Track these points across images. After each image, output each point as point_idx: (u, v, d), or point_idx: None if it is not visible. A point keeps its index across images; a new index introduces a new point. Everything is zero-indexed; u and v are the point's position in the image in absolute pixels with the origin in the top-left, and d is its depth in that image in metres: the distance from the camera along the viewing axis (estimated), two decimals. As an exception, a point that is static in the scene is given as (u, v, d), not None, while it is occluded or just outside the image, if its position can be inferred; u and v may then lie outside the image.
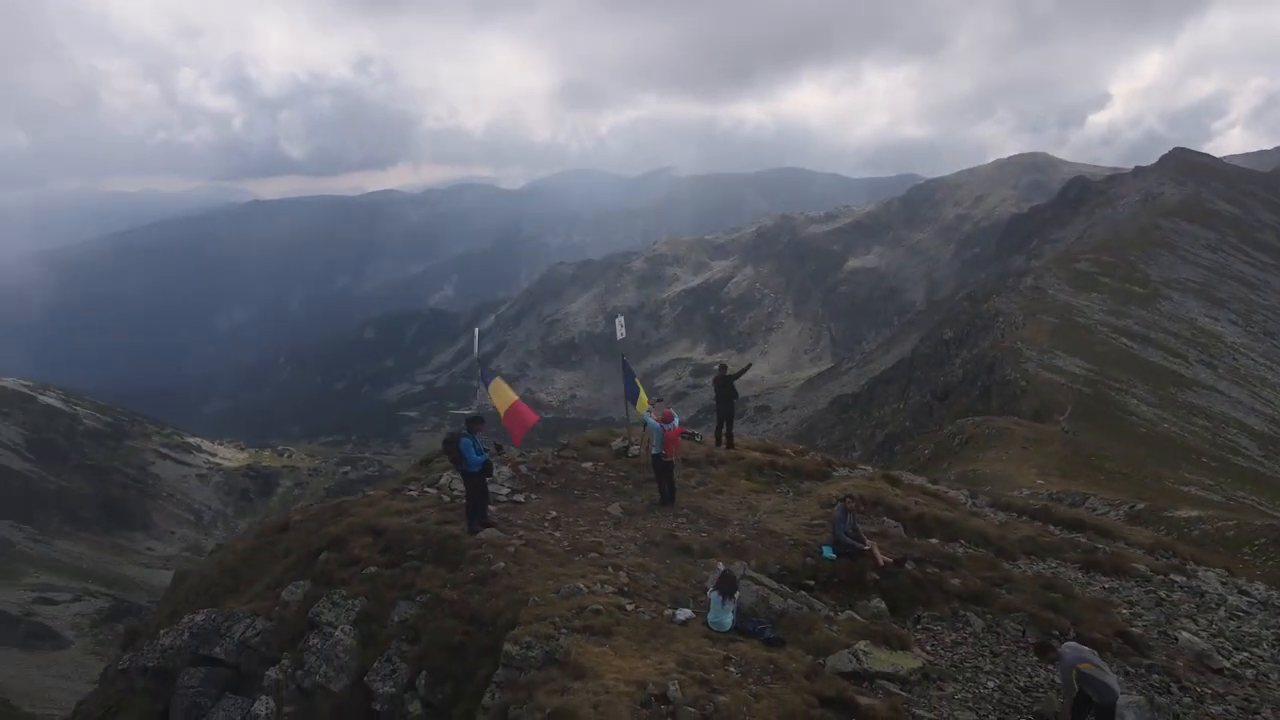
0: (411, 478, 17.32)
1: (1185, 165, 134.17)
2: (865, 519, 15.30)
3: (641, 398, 17.79)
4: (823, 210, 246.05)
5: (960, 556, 14.20)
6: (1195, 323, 74.34)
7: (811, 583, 12.86)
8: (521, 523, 14.15)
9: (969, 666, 11.10)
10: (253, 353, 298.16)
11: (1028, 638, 11.69)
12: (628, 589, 11.84)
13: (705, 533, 14.44)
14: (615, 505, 15.54)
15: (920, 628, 12.13)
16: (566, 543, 13.46)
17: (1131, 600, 13.91)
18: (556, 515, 14.82)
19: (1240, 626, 13.37)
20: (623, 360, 18.19)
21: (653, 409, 16.09)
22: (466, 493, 13.81)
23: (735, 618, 11.09)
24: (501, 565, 12.24)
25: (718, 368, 20.16)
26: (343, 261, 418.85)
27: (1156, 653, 11.82)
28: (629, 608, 11.20)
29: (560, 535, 13.80)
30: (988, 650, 11.55)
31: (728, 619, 11.00)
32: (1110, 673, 9.42)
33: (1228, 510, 32.88)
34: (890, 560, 13.15)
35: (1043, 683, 10.72)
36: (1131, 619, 13.03)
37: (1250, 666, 11.95)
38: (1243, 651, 12.45)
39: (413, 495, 15.71)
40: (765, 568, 12.91)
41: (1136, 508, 30.03)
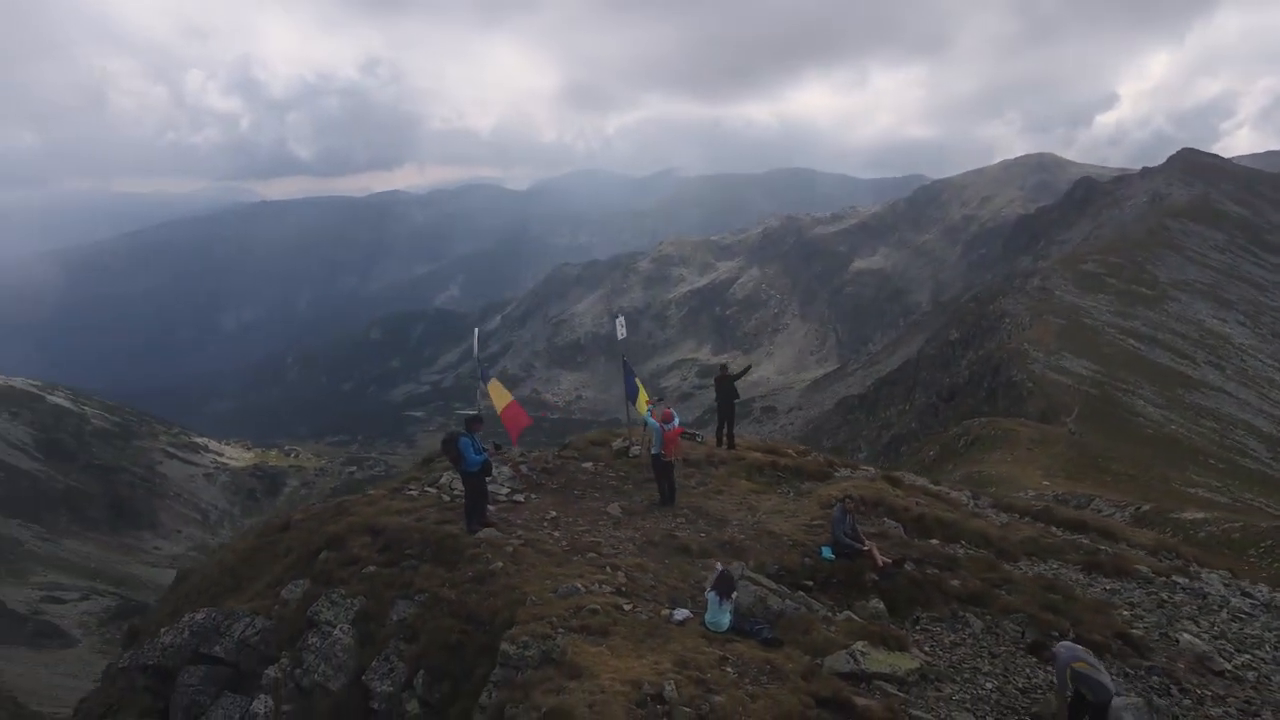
0: (412, 477, 17.34)
1: (1193, 166, 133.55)
2: (865, 520, 15.26)
3: (641, 397, 17.78)
4: (829, 211, 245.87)
5: (960, 557, 14.15)
6: (1203, 324, 74.00)
7: (810, 583, 12.83)
8: (521, 522, 14.15)
9: (967, 667, 11.06)
10: (260, 353, 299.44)
11: (1026, 638, 11.64)
12: (625, 589, 11.83)
13: (704, 533, 14.42)
14: (615, 505, 15.53)
15: (919, 629, 12.09)
16: (565, 542, 13.45)
17: (1133, 602, 13.84)
18: (556, 515, 14.81)
19: (1242, 628, 13.29)
20: (623, 360, 18.19)
21: (653, 409, 16.07)
22: (465, 492, 13.82)
23: (733, 618, 11.06)
24: (500, 565, 12.24)
25: (719, 368, 20.15)
26: (349, 262, 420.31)
27: (1157, 654, 11.75)
28: (626, 608, 11.19)
29: (559, 535, 13.79)
30: (986, 651, 11.51)
31: (725, 619, 10.98)
32: (1105, 671, 9.38)
33: (1234, 512, 32.70)
34: (889, 561, 13.11)
35: (1041, 684, 10.67)
36: (1132, 621, 12.96)
37: (1252, 669, 11.87)
38: (1244, 654, 12.37)
39: (413, 495, 15.73)
40: (764, 568, 12.89)
41: (1142, 509, 29.90)
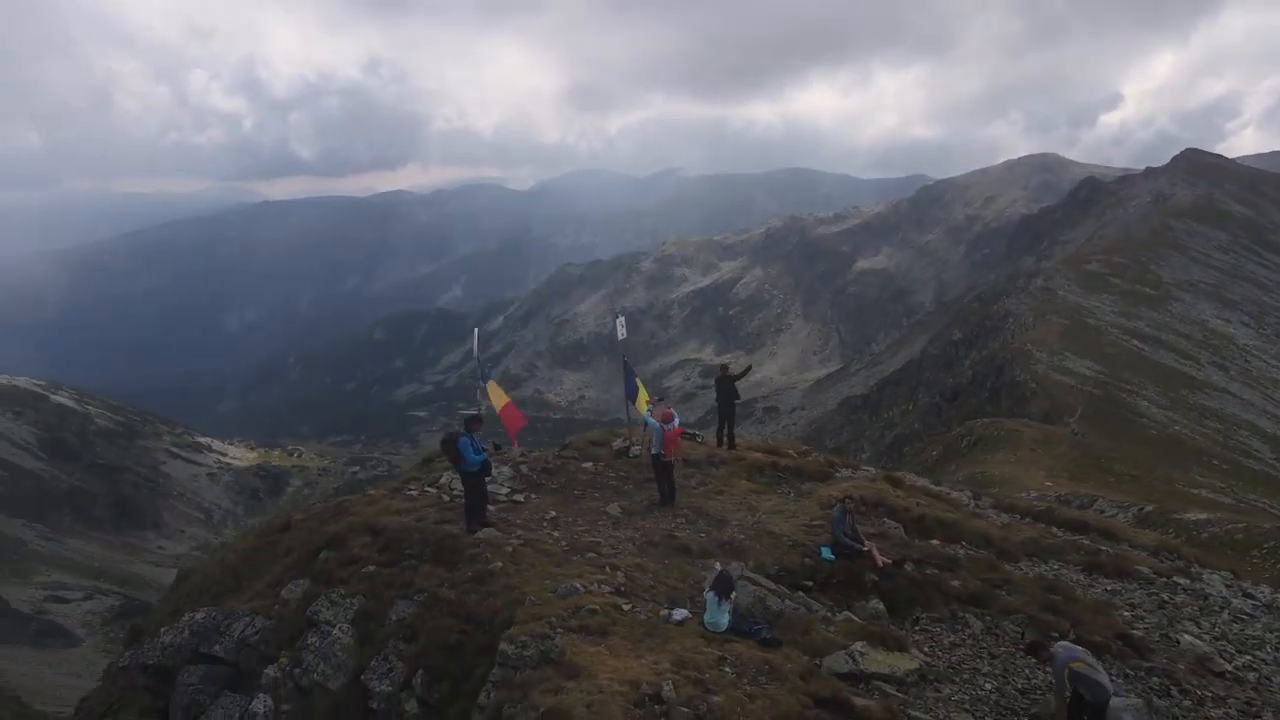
0: (412, 477, 17.36)
1: (1197, 166, 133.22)
2: (866, 520, 15.25)
3: (641, 397, 17.76)
4: (832, 211, 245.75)
5: (960, 558, 14.12)
6: (1207, 324, 73.83)
7: (810, 583, 12.82)
8: (520, 522, 14.16)
9: (966, 668, 11.04)
10: (263, 353, 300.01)
11: (1026, 639, 11.62)
12: (624, 589, 11.83)
13: (704, 533, 14.41)
14: (615, 505, 15.52)
15: (918, 629, 12.07)
16: (565, 543, 13.45)
17: (1134, 603, 13.80)
18: (555, 515, 14.81)
19: (1244, 629, 13.25)
20: (623, 360, 18.19)
21: (653, 409, 16.06)
22: (465, 492, 13.82)
23: (732, 618, 11.05)
24: (499, 565, 12.25)
25: (719, 369, 20.15)
26: (352, 262, 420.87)
27: (1157, 655, 11.72)
28: (625, 608, 11.19)
29: (559, 535, 13.79)
30: (986, 652, 11.48)
31: (724, 619, 10.97)
32: (1103, 671, 9.36)
33: (1238, 513, 32.61)
34: (889, 561, 13.09)
35: (1040, 685, 10.64)
36: (1133, 621, 12.93)
37: (1253, 670, 11.83)
38: (1246, 655, 12.33)
39: (413, 495, 15.74)
40: (763, 568, 12.88)
41: (1145, 510, 29.85)
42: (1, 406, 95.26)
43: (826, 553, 13.40)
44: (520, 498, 15.76)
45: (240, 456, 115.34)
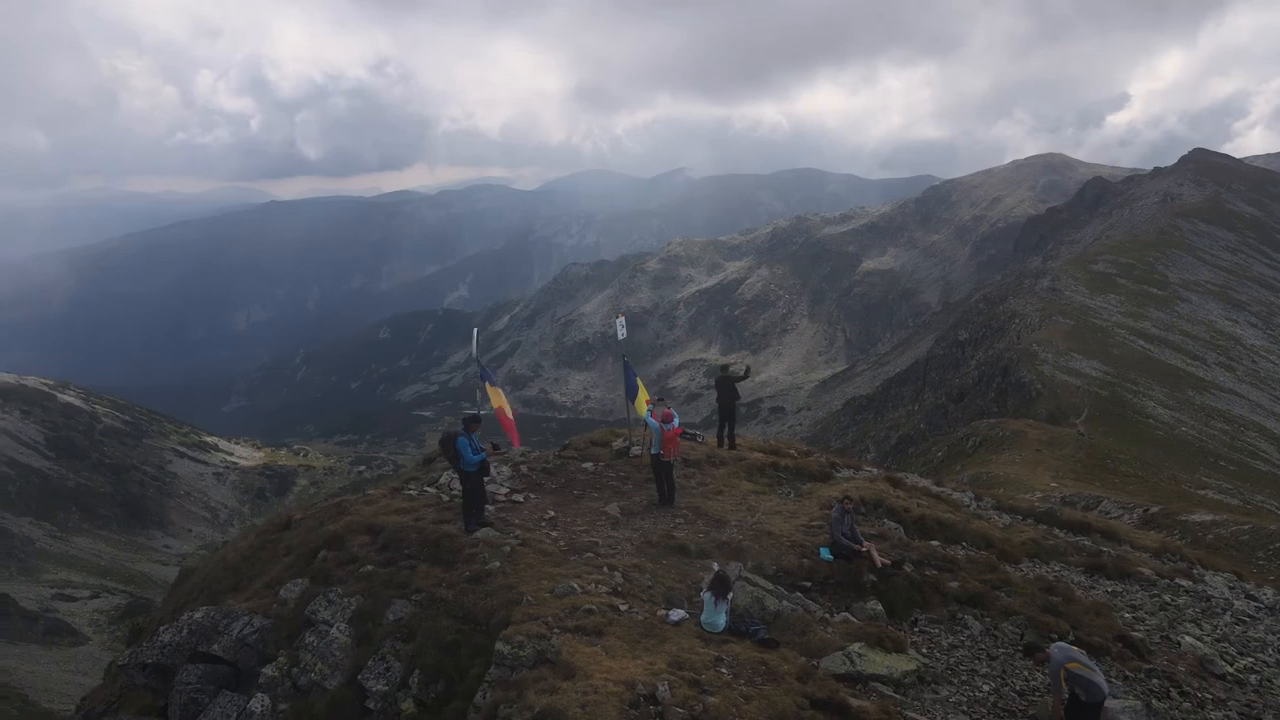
0: (412, 477, 17.35)
1: (1205, 166, 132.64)
2: (866, 520, 15.20)
3: (641, 397, 17.73)
4: (838, 211, 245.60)
5: (960, 559, 14.06)
6: (1214, 325, 73.48)
7: (808, 584, 12.78)
8: (519, 522, 14.13)
9: (965, 669, 11.00)
10: (269, 352, 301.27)
11: (1025, 640, 11.56)
12: (622, 589, 11.80)
13: (703, 533, 14.36)
14: (614, 505, 15.48)
15: (917, 630, 12.03)
16: (563, 542, 13.41)
17: (1135, 604, 13.75)
18: (554, 515, 14.78)
19: (1246, 631, 13.19)
20: (623, 360, 18.17)
21: (652, 409, 16.04)
22: (463, 492, 13.80)
23: (729, 619, 11.03)
24: (497, 565, 12.22)
25: (719, 368, 20.11)
26: (359, 262, 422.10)
27: (1157, 657, 11.66)
28: (622, 608, 11.16)
29: (557, 535, 13.76)
30: (984, 653, 11.44)
31: (721, 620, 10.95)
32: (1099, 672, 9.32)
33: (1244, 514, 32.43)
34: (888, 562, 13.04)
35: (1039, 686, 10.59)
36: (1134, 623, 12.88)
37: (1254, 672, 11.77)
38: (1247, 657, 12.27)
39: (412, 494, 15.72)
40: (761, 569, 12.84)
41: (1150, 511, 29.72)
42: (9, 405, 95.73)
43: (825, 553, 13.35)
44: (519, 498, 15.74)
45: (247, 456, 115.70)
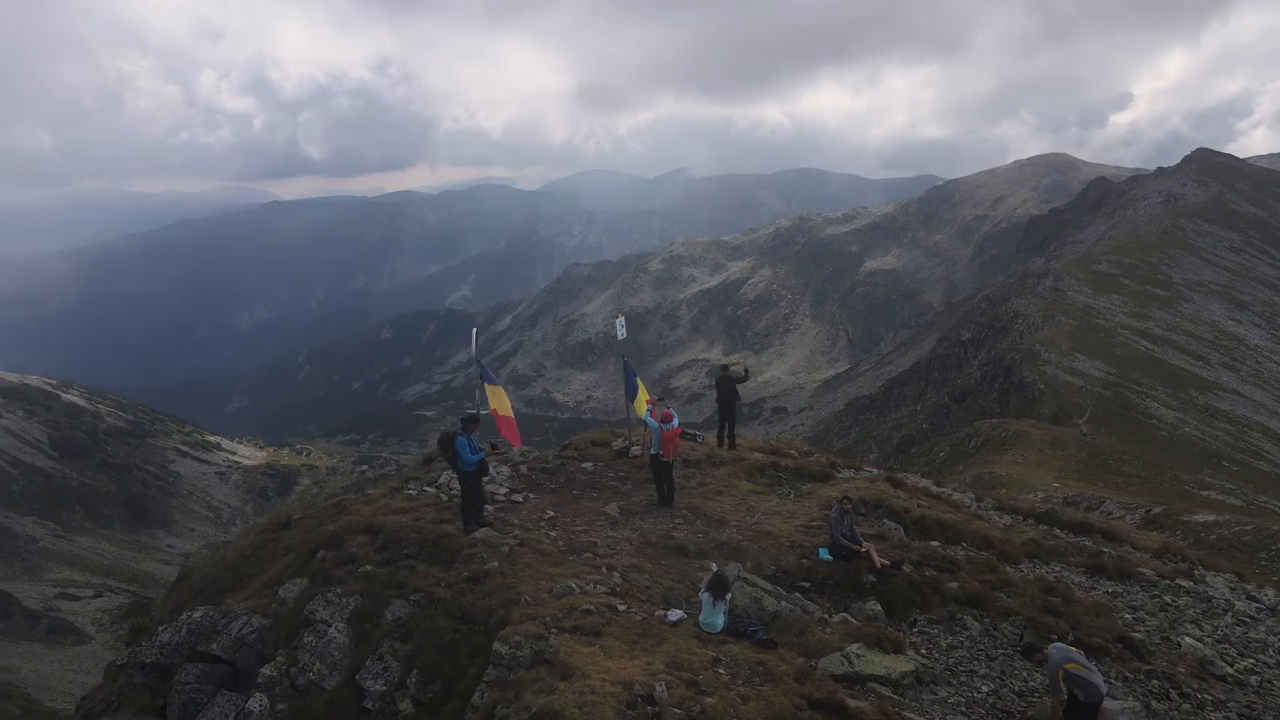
0: (411, 477, 17.35)
1: (1208, 166, 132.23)
2: (866, 521, 15.17)
3: (641, 397, 17.70)
4: (840, 211, 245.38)
5: (960, 559, 14.03)
6: (1218, 325, 73.28)
7: (807, 584, 12.76)
8: (518, 522, 14.12)
9: (963, 670, 10.97)
10: (272, 352, 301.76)
11: (1024, 641, 11.53)
12: (620, 589, 11.78)
13: (702, 534, 14.34)
14: (613, 505, 15.46)
15: (916, 631, 12.00)
16: (562, 543, 13.39)
17: (1135, 605, 13.71)
18: (554, 515, 14.77)
19: (1247, 632, 13.15)
20: (623, 360, 18.15)
21: (652, 409, 16.02)
22: (462, 492, 13.79)
23: (727, 619, 11.01)
24: (495, 565, 12.21)
25: (719, 368, 20.09)
26: (361, 262, 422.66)
27: (1157, 658, 11.62)
28: (620, 608, 11.15)
29: (556, 535, 13.74)
30: (983, 654, 11.40)
31: (719, 620, 10.93)
32: (1097, 672, 9.30)
33: (1247, 515, 32.34)
34: (887, 563, 13.01)
35: (1038, 687, 10.56)
36: (1134, 624, 12.84)
37: (1255, 673, 11.73)
38: (1248, 658, 12.23)
39: (411, 494, 15.72)
40: (760, 569, 12.81)
41: (1153, 512, 29.64)
42: (13, 405, 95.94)
43: (824, 554, 13.33)
44: (519, 498, 15.72)
45: (249, 455, 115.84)
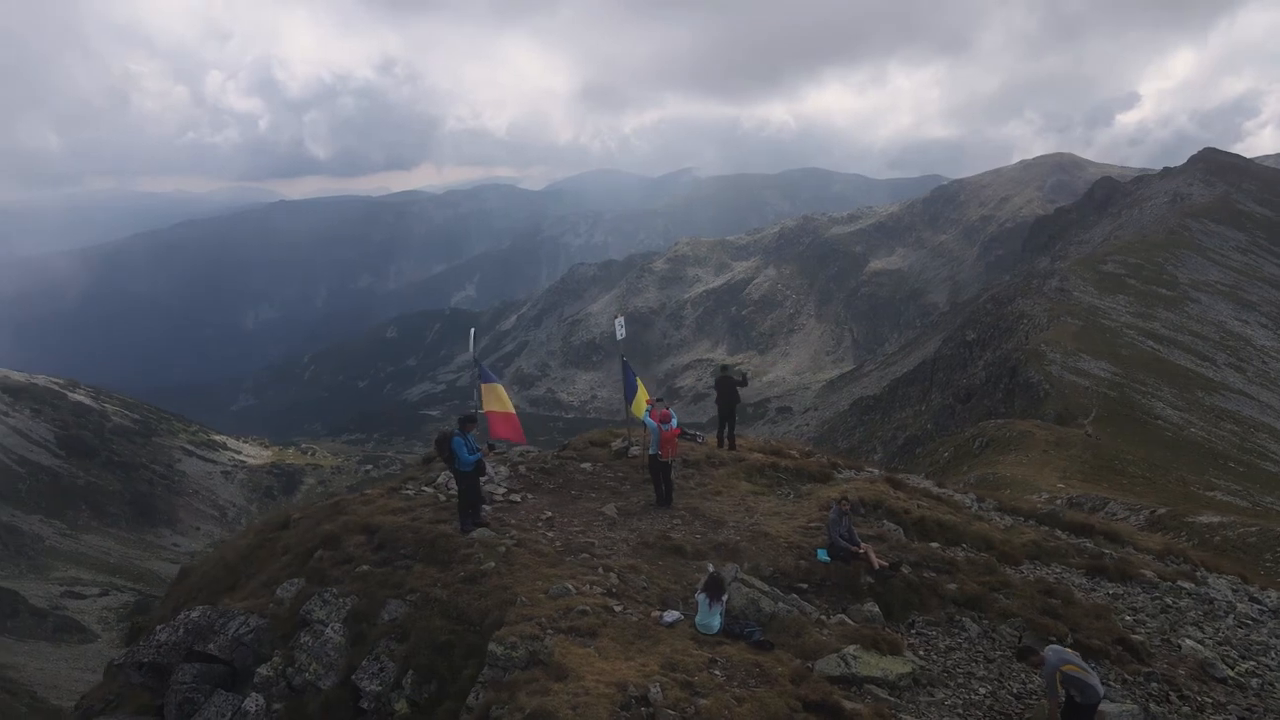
0: (409, 476, 17.34)
1: (1215, 165, 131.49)
2: (865, 522, 15.10)
3: (640, 397, 17.65)
4: (846, 211, 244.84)
5: (959, 561, 13.95)
6: (1224, 325, 72.91)
7: (804, 586, 12.70)
8: (515, 523, 14.10)
9: (961, 672, 10.91)
10: (278, 351, 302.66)
11: (1022, 643, 11.47)
12: (617, 590, 11.75)
13: (700, 534, 14.29)
14: (611, 506, 15.42)
15: (914, 632, 11.94)
16: (559, 543, 13.36)
17: (1136, 607, 13.62)
18: (551, 515, 14.74)
19: (1248, 635, 13.05)
20: (623, 361, 18.11)
21: (651, 409, 15.98)
22: (459, 492, 13.76)
23: (724, 620, 10.97)
24: (492, 565, 12.19)
25: (719, 369, 20.05)
26: (366, 261, 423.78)
27: (1157, 660, 11.54)
28: (617, 609, 11.12)
29: (553, 535, 13.71)
30: (982, 656, 11.34)
31: (715, 621, 10.89)
32: (1094, 674, 9.24)
33: (1252, 516, 32.16)
34: (885, 564, 12.95)
35: (1036, 689, 10.50)
36: (1134, 626, 12.75)
37: (1256, 676, 11.64)
38: (1249, 660, 12.13)
39: (409, 494, 15.71)
40: (758, 570, 12.76)
41: (1157, 513, 29.50)
42: (20, 404, 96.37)
43: (822, 554, 13.27)
44: (517, 498, 15.70)
45: (255, 454, 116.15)
